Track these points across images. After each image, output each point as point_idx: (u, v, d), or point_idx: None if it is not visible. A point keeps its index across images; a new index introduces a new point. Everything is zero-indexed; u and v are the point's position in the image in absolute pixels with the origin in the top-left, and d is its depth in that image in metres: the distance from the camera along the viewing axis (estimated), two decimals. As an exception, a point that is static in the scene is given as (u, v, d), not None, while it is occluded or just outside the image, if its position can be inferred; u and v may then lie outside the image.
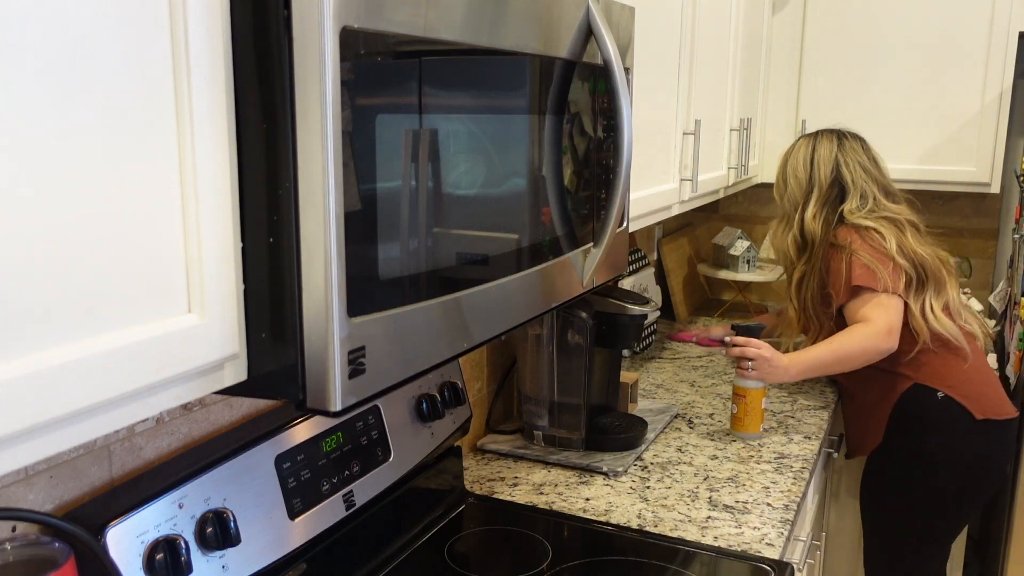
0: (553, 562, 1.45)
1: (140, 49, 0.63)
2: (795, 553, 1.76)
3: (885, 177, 2.22)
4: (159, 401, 0.68)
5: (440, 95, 0.85)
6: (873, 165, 2.21)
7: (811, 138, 2.26)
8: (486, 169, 0.95)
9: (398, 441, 1.40)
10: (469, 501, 1.66)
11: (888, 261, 2.05)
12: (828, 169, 2.18)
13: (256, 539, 1.10)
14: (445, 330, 0.89)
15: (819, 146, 2.22)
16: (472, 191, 0.93)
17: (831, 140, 2.22)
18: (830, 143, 2.22)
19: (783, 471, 1.83)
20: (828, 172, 2.18)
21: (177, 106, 0.66)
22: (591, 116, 1.20)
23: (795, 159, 2.25)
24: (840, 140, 2.22)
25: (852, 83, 2.82)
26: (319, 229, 0.72)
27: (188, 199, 0.68)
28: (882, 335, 2.01)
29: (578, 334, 1.83)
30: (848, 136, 2.24)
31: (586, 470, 1.80)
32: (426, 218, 0.85)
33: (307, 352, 0.74)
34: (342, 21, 0.70)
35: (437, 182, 0.86)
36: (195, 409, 1.17)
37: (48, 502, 0.98)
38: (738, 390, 1.99)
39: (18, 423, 0.56)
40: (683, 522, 1.59)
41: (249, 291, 0.75)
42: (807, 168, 2.21)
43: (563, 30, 1.08)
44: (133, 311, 0.64)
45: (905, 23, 2.73)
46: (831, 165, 2.18)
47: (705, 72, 2.09)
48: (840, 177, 2.17)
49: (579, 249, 1.19)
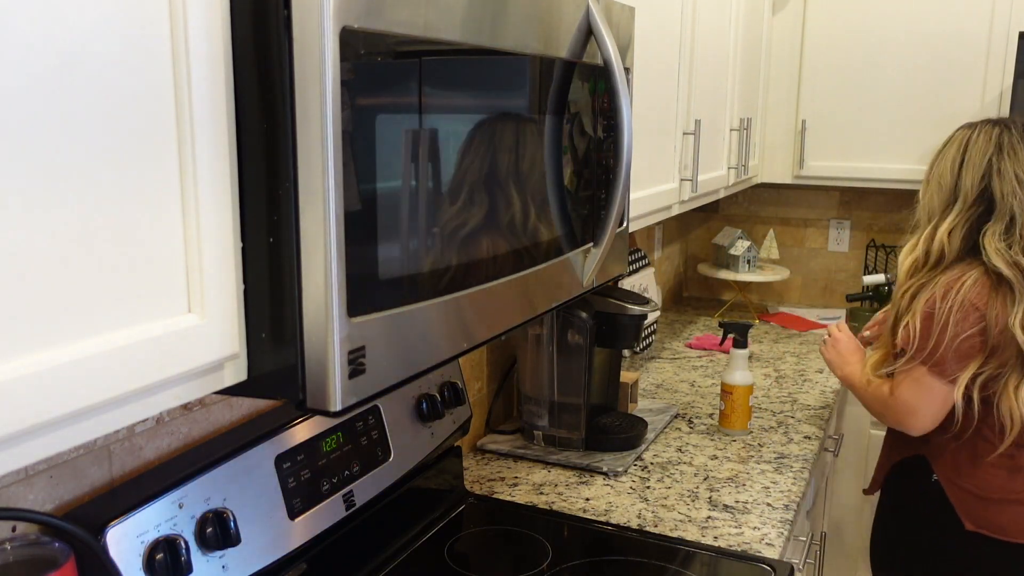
0: (553, 562, 1.45)
1: (139, 49, 0.63)
2: (795, 553, 1.76)
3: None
4: (159, 401, 0.68)
5: (440, 95, 0.85)
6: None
7: (969, 130, 1.76)
8: (486, 169, 0.95)
9: (398, 441, 1.40)
10: (469, 501, 1.65)
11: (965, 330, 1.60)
12: (977, 175, 1.69)
13: (256, 539, 1.10)
14: (445, 330, 0.89)
15: (973, 143, 1.72)
16: (472, 191, 0.93)
17: (989, 135, 1.71)
18: (987, 140, 1.70)
19: (783, 471, 1.83)
20: (976, 180, 1.68)
21: (177, 106, 0.66)
22: (591, 116, 1.20)
23: (944, 158, 1.76)
24: (1002, 136, 1.70)
25: (852, 83, 2.82)
26: (319, 229, 0.71)
27: (188, 199, 0.68)
28: (899, 416, 1.71)
29: (578, 334, 1.83)
30: (1015, 130, 1.71)
31: (586, 470, 1.80)
32: (426, 218, 0.85)
33: (307, 352, 0.74)
34: (342, 21, 0.70)
35: (437, 182, 0.86)
36: (195, 409, 1.17)
37: (48, 502, 0.98)
38: (726, 387, 2.00)
39: (18, 423, 0.56)
40: (683, 522, 1.59)
41: (249, 291, 0.75)
42: (954, 170, 1.72)
43: (563, 30, 1.08)
44: (133, 311, 0.64)
45: (905, 23, 2.73)
46: (982, 170, 1.69)
47: (705, 72, 2.09)
48: (989, 189, 1.67)
49: (579, 249, 1.19)
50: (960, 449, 1.70)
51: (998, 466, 1.67)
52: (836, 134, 2.86)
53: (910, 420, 1.69)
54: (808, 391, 2.36)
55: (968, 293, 1.61)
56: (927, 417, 1.67)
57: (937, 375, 1.63)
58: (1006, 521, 1.68)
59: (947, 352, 1.61)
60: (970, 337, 1.60)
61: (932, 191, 1.76)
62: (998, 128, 1.72)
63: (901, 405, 1.69)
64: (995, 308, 1.59)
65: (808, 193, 3.27)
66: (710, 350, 2.70)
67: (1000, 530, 1.68)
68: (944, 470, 1.72)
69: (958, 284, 1.63)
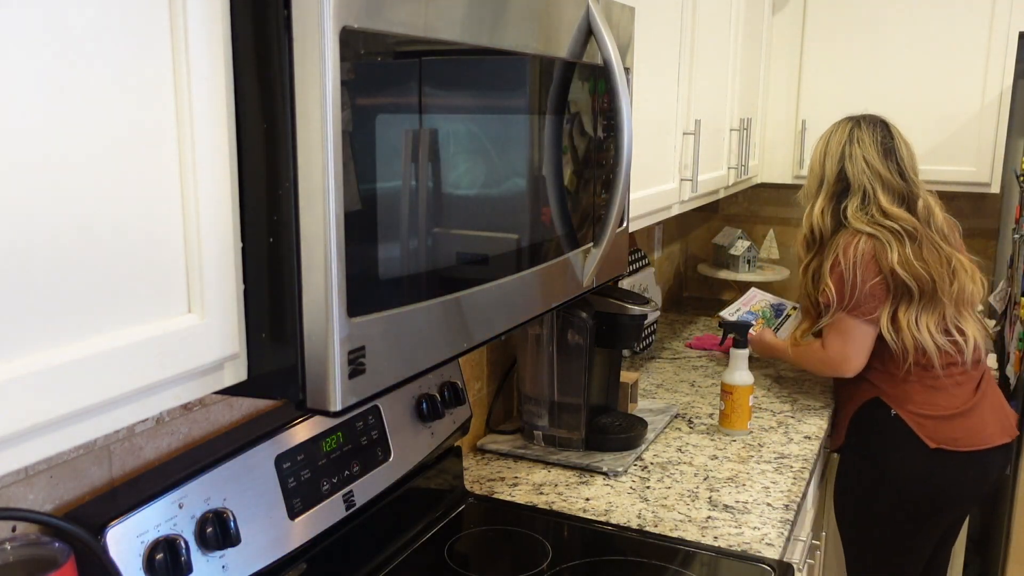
0: (553, 562, 1.45)
1: (139, 49, 0.63)
2: (795, 553, 1.76)
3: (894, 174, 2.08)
4: (159, 401, 0.68)
5: (440, 95, 0.85)
6: (882, 159, 2.08)
7: (833, 126, 2.18)
8: (486, 169, 0.95)
9: (398, 441, 1.40)
10: (469, 501, 1.65)
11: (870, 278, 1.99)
12: (834, 162, 2.12)
13: (256, 539, 1.10)
14: (445, 330, 0.89)
15: (832, 136, 2.15)
16: (472, 191, 0.93)
17: (844, 129, 2.14)
18: (843, 132, 2.14)
19: (783, 471, 1.83)
20: (834, 165, 2.12)
21: (177, 106, 0.66)
22: (591, 116, 1.20)
23: (815, 150, 2.20)
24: (852, 129, 2.13)
25: (852, 83, 2.82)
26: (319, 229, 0.71)
27: (188, 199, 0.68)
28: (834, 364, 2.07)
29: (578, 334, 1.83)
30: (864, 123, 2.14)
31: (586, 470, 1.80)
32: (426, 218, 0.85)
33: (307, 352, 0.74)
34: (342, 21, 0.70)
35: (437, 182, 0.86)
36: (195, 409, 1.17)
37: (48, 502, 0.98)
38: (726, 387, 2.00)
39: (18, 423, 0.56)
40: (683, 522, 1.59)
41: (249, 291, 0.75)
42: (820, 160, 2.16)
43: (563, 30, 1.08)
44: (133, 311, 0.64)
45: (905, 23, 2.73)
46: (837, 157, 2.12)
47: (705, 72, 2.09)
48: (844, 171, 2.10)
49: (579, 249, 1.19)
50: (906, 383, 2.03)
51: (939, 388, 2.02)
52: (836, 134, 2.85)
53: (844, 365, 2.06)
54: (808, 391, 2.36)
55: (863, 248, 2.01)
56: (857, 358, 2.04)
57: (857, 317, 2.01)
58: (960, 434, 2.01)
59: (860, 296, 2.00)
60: (876, 284, 1.99)
61: (808, 178, 2.21)
62: (852, 122, 2.15)
63: (834, 354, 2.07)
64: (883, 257, 1.99)
65: (808, 193, 3.27)
66: (710, 350, 2.70)
67: (956, 442, 2.00)
68: (900, 403, 2.04)
69: (852, 246, 2.02)
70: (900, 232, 2.01)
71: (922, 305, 1.99)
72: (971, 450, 2.01)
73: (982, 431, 2.03)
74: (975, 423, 2.02)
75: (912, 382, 2.03)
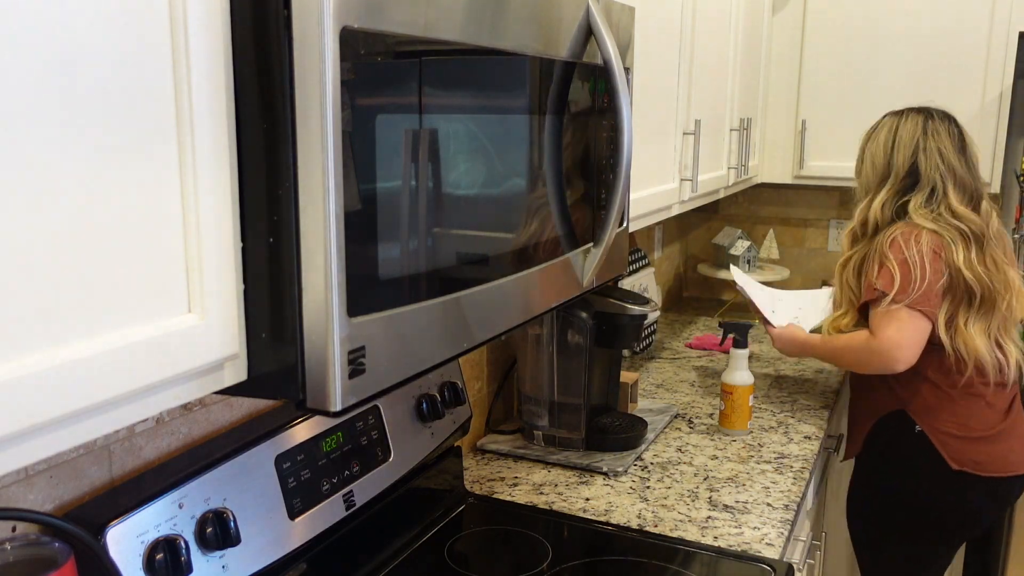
0: (553, 562, 1.45)
1: (140, 49, 0.63)
2: (795, 553, 1.76)
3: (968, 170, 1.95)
4: (159, 401, 0.68)
5: (440, 95, 0.85)
6: (957, 154, 1.95)
7: (896, 116, 2.03)
8: (486, 169, 0.95)
9: (398, 441, 1.40)
10: (469, 501, 1.65)
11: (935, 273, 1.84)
12: (906, 154, 1.96)
13: (256, 539, 1.10)
14: (445, 330, 0.89)
15: (902, 127, 1.99)
16: (472, 191, 0.93)
17: (916, 121, 1.99)
18: (915, 124, 1.98)
19: (783, 471, 1.83)
20: (906, 158, 1.96)
21: (177, 106, 0.66)
22: (591, 116, 1.20)
23: (875, 141, 2.03)
24: (926, 121, 1.98)
25: (852, 83, 2.82)
26: (319, 229, 0.71)
27: (188, 199, 0.68)
28: (886, 353, 1.86)
29: (578, 334, 1.83)
30: (936, 115, 1.99)
31: (586, 470, 1.80)
32: (426, 218, 0.85)
33: (307, 352, 0.74)
34: (342, 21, 0.70)
35: (437, 182, 0.86)
36: (195, 409, 1.17)
37: (48, 502, 0.98)
38: (726, 387, 2.00)
39: (18, 423, 0.56)
40: (683, 522, 1.59)
41: (249, 291, 0.75)
42: (887, 151, 1.99)
43: (563, 30, 1.08)
44: (133, 311, 0.64)
45: (905, 23, 2.73)
46: (910, 150, 1.96)
47: (705, 72, 2.09)
48: (916, 165, 1.95)
49: (579, 249, 1.19)
50: (937, 398, 1.92)
51: (973, 407, 1.91)
52: (836, 134, 2.86)
53: (896, 354, 1.85)
54: (808, 391, 2.36)
55: (927, 241, 1.86)
56: (911, 349, 1.85)
57: (920, 312, 1.84)
58: (985, 458, 1.91)
59: (929, 291, 1.83)
60: (940, 280, 1.85)
61: (867, 170, 2.04)
62: (922, 114, 2.00)
63: (887, 342, 1.85)
64: (949, 254, 1.86)
65: (808, 193, 3.27)
66: (710, 350, 2.70)
67: (980, 466, 1.90)
68: (926, 419, 1.93)
69: (914, 237, 1.87)
70: (967, 233, 1.89)
71: (981, 312, 1.88)
72: (994, 476, 1.92)
73: (1007, 456, 1.94)
74: (1002, 449, 1.93)
75: (946, 396, 1.92)
